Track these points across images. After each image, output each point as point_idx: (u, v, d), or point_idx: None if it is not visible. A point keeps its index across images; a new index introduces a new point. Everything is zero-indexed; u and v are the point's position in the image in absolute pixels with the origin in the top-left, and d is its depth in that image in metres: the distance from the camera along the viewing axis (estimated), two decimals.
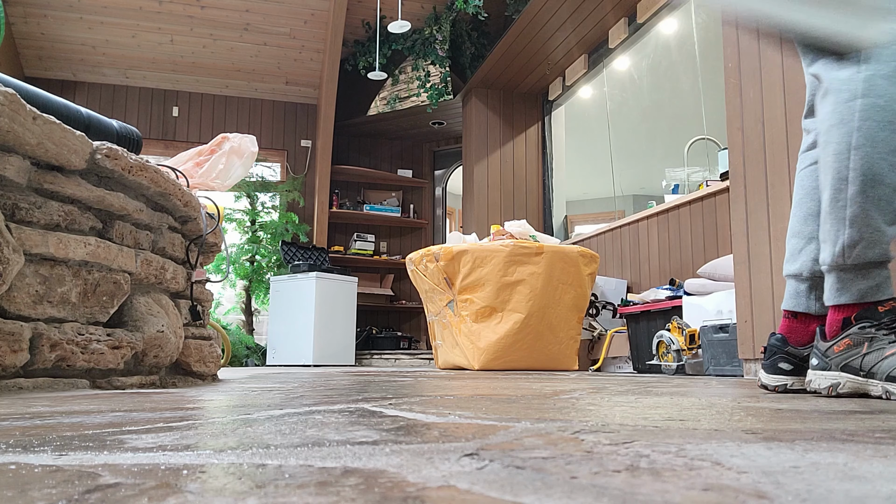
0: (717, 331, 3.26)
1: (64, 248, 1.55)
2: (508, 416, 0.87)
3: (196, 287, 2.25)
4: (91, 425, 0.76)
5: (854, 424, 0.78)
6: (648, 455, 0.53)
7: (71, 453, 0.54)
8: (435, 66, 6.81)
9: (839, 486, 0.40)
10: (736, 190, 2.86)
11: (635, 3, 5.12)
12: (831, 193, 1.32)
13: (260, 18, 6.70)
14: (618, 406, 1.06)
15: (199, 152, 2.59)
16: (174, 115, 7.43)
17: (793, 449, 0.56)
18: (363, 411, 0.95)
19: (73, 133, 1.55)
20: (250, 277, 6.98)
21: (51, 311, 1.54)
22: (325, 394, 1.41)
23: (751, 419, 0.84)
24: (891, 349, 1.22)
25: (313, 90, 7.64)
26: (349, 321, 6.45)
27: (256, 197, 7.18)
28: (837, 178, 1.31)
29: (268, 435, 0.67)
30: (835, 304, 1.34)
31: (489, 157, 6.69)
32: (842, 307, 1.33)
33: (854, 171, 1.28)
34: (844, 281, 1.32)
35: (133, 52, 6.95)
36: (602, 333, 4.71)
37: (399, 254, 7.81)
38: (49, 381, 1.51)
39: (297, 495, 0.38)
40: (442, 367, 4.71)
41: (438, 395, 1.37)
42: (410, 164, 8.09)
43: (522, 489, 0.39)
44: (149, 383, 1.83)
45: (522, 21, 5.44)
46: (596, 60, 5.80)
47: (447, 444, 0.59)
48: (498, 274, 4.23)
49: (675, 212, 4.48)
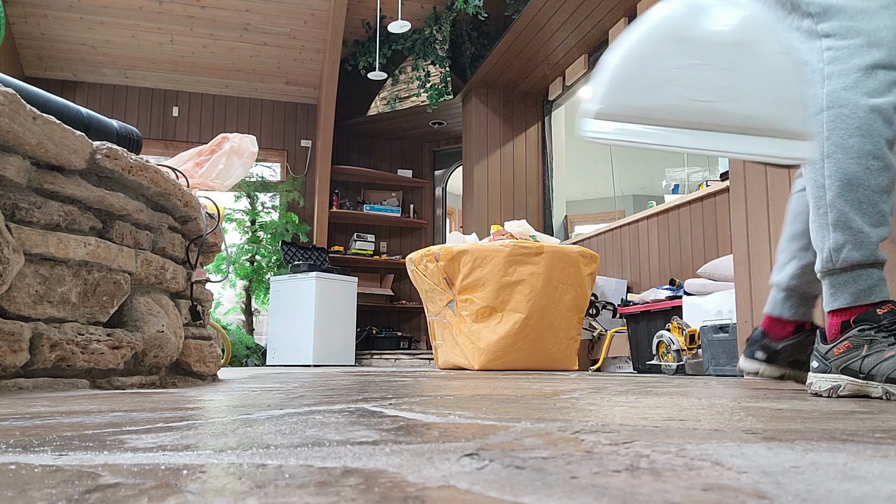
0: (717, 331, 3.26)
1: (64, 248, 1.55)
2: (508, 416, 0.87)
3: (196, 287, 2.25)
4: (91, 425, 0.76)
5: (854, 424, 0.78)
6: (648, 455, 0.53)
7: (71, 453, 0.54)
8: (435, 66, 6.81)
9: (839, 486, 0.40)
10: (736, 190, 2.86)
11: (635, 3, 5.12)
12: (814, 203, 1.38)
13: (260, 18, 6.70)
14: (618, 406, 1.06)
15: (199, 152, 2.59)
16: (174, 115, 7.43)
17: (793, 449, 0.56)
18: (363, 411, 0.95)
19: (73, 133, 1.55)
20: (250, 277, 6.98)
21: (51, 311, 1.54)
22: (325, 394, 1.41)
23: (751, 419, 0.84)
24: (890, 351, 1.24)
25: (313, 90, 7.64)
26: (349, 321, 6.45)
27: (256, 197, 7.18)
28: (816, 187, 1.36)
29: (268, 435, 0.67)
30: (831, 309, 1.37)
31: (489, 157, 6.69)
32: (839, 311, 1.35)
33: (829, 178, 1.33)
34: (837, 286, 1.35)
35: (133, 52, 6.95)
36: (602, 333, 4.71)
37: (399, 254, 7.80)
38: (49, 381, 1.51)
39: (297, 495, 0.38)
40: (442, 367, 4.71)
41: (438, 395, 1.37)
42: (410, 164, 8.09)
43: (522, 489, 0.39)
44: (149, 383, 1.83)
45: (522, 21, 5.44)
46: (596, 60, 5.80)
47: (447, 444, 0.59)
48: (498, 274, 4.23)
49: (675, 212, 4.48)
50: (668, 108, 1.04)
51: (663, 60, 1.04)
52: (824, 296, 1.40)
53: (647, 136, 1.04)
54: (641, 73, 1.05)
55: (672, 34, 1.05)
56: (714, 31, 1.05)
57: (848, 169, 1.32)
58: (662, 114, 1.04)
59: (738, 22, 1.06)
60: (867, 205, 1.31)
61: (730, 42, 1.04)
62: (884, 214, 1.32)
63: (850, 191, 1.31)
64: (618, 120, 1.04)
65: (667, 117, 1.04)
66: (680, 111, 1.04)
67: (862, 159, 1.32)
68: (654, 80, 1.04)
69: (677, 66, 1.04)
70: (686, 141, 1.05)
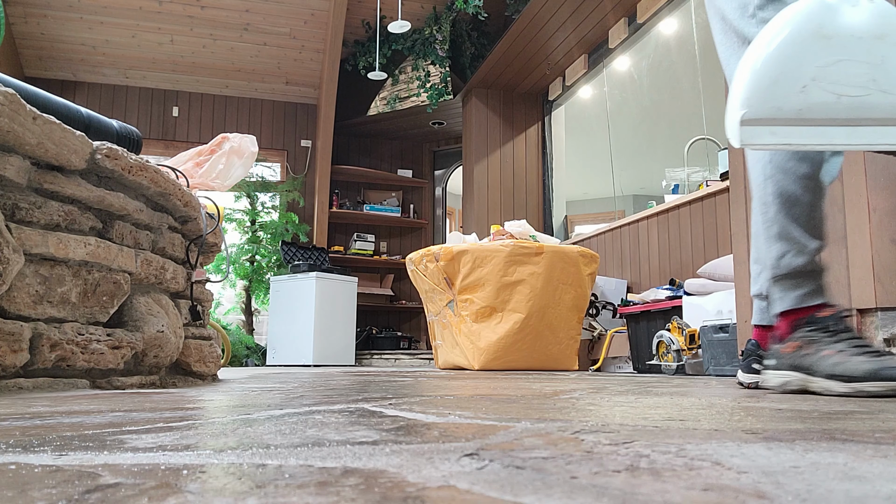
0: (717, 331, 3.26)
1: (64, 248, 1.55)
2: (508, 416, 0.87)
3: (196, 287, 2.25)
4: (91, 425, 0.76)
5: (854, 424, 0.78)
6: (648, 455, 0.53)
7: (71, 453, 0.54)
8: (435, 66, 6.81)
9: (839, 486, 0.40)
10: (736, 190, 2.86)
11: (635, 3, 5.12)
12: (760, 218, 1.54)
13: (260, 18, 6.70)
14: (618, 406, 1.06)
15: (199, 152, 2.59)
16: (174, 115, 7.43)
17: (793, 449, 0.56)
18: (363, 411, 0.95)
19: (73, 133, 1.55)
20: (250, 277, 6.98)
21: (51, 311, 1.54)
22: (325, 394, 1.41)
23: (751, 419, 0.84)
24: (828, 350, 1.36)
25: (313, 90, 7.64)
26: (349, 321, 6.44)
27: (256, 197, 7.18)
28: (762, 204, 1.53)
29: (268, 435, 0.67)
30: (779, 311, 1.52)
31: (489, 157, 6.69)
32: (786, 314, 1.50)
33: (772, 195, 1.49)
34: (782, 290, 1.50)
35: (133, 52, 6.95)
36: (602, 333, 4.71)
37: (399, 254, 7.80)
38: (49, 381, 1.51)
39: (297, 495, 0.38)
40: (442, 367, 4.71)
41: (438, 395, 1.37)
42: (410, 164, 8.09)
43: (522, 489, 0.39)
44: (149, 383, 1.83)
45: (522, 21, 5.44)
46: (596, 60, 5.80)
47: (447, 444, 0.59)
48: (498, 274, 4.23)
49: (675, 212, 4.48)
50: (821, 106, 1.04)
51: (808, 59, 1.05)
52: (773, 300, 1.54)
53: (803, 137, 1.05)
54: (788, 73, 1.05)
55: (814, 32, 1.05)
56: (853, 25, 1.05)
57: (787, 188, 1.48)
58: (815, 113, 1.04)
59: (873, 15, 1.07)
60: (805, 219, 1.47)
61: (870, 35, 1.05)
62: (819, 227, 1.48)
63: (790, 207, 1.47)
64: (769, 124, 1.04)
65: (820, 116, 1.04)
66: (833, 108, 1.04)
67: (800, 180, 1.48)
68: (802, 79, 1.04)
69: (824, 64, 1.04)
70: (843, 137, 1.05)
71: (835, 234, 2.27)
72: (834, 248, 2.27)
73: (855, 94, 1.04)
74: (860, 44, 1.05)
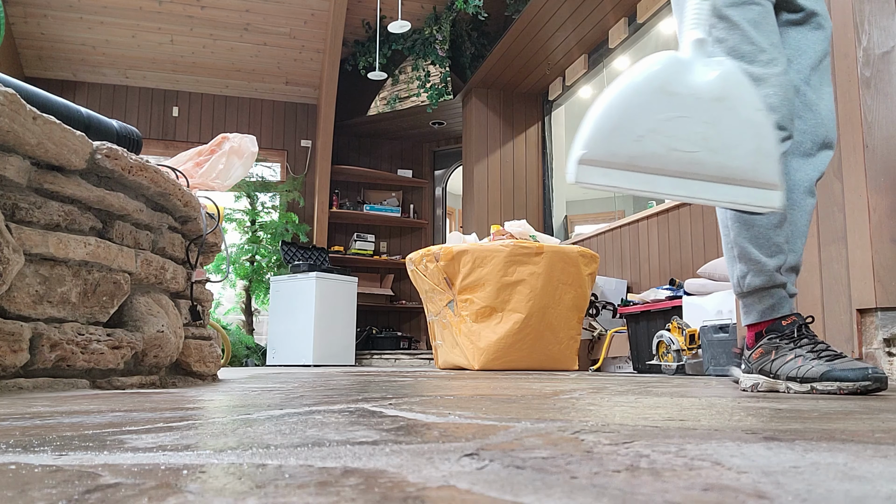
0: (717, 331, 3.26)
1: (64, 248, 1.55)
2: (508, 416, 0.87)
3: (196, 287, 2.25)
4: (91, 425, 0.76)
5: (854, 424, 0.78)
6: (648, 455, 0.53)
7: (71, 453, 0.54)
8: (435, 66, 6.81)
9: (839, 486, 0.40)
10: None
11: (635, 3, 5.12)
12: (724, 240, 1.66)
13: (260, 18, 6.70)
14: (618, 406, 1.06)
15: (199, 152, 2.59)
16: (174, 115, 7.43)
17: (793, 449, 0.56)
18: (363, 411, 0.95)
19: (73, 133, 1.55)
20: (250, 277, 6.98)
21: (51, 311, 1.54)
22: (325, 394, 1.41)
23: (751, 419, 0.84)
24: (790, 355, 1.52)
25: (313, 90, 7.64)
26: (349, 321, 6.44)
27: (256, 197, 7.18)
28: (723, 227, 1.64)
29: (268, 435, 0.67)
30: (745, 324, 1.66)
31: (489, 157, 6.69)
32: (751, 326, 1.64)
33: (731, 219, 1.60)
34: (747, 305, 1.63)
35: (133, 52, 6.95)
36: (602, 333, 4.71)
37: (399, 254, 7.80)
38: (49, 381, 1.51)
39: (297, 495, 0.38)
40: (442, 367, 4.71)
41: (438, 395, 1.37)
42: (410, 164, 8.09)
43: (522, 489, 0.39)
44: (149, 383, 1.83)
45: (522, 21, 5.44)
46: (596, 60, 5.80)
47: (447, 444, 0.59)
48: (498, 274, 4.23)
49: (675, 212, 4.48)
50: (653, 156, 1.10)
51: (650, 111, 1.10)
52: (740, 313, 1.68)
53: (631, 183, 1.10)
54: (628, 122, 1.10)
55: (658, 87, 1.11)
56: (697, 85, 1.11)
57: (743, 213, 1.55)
58: (646, 161, 1.10)
59: (718, 79, 1.12)
60: (762, 239, 1.56)
61: (711, 97, 1.11)
62: (778, 245, 1.56)
63: (747, 230, 1.57)
64: (603, 166, 1.10)
65: (651, 165, 1.10)
66: (663, 160, 1.10)
67: None
68: (640, 129, 1.10)
69: (664, 118, 1.10)
70: (668, 188, 1.12)
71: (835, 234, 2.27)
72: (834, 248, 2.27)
73: (686, 149, 1.10)
74: (699, 104, 1.11)
